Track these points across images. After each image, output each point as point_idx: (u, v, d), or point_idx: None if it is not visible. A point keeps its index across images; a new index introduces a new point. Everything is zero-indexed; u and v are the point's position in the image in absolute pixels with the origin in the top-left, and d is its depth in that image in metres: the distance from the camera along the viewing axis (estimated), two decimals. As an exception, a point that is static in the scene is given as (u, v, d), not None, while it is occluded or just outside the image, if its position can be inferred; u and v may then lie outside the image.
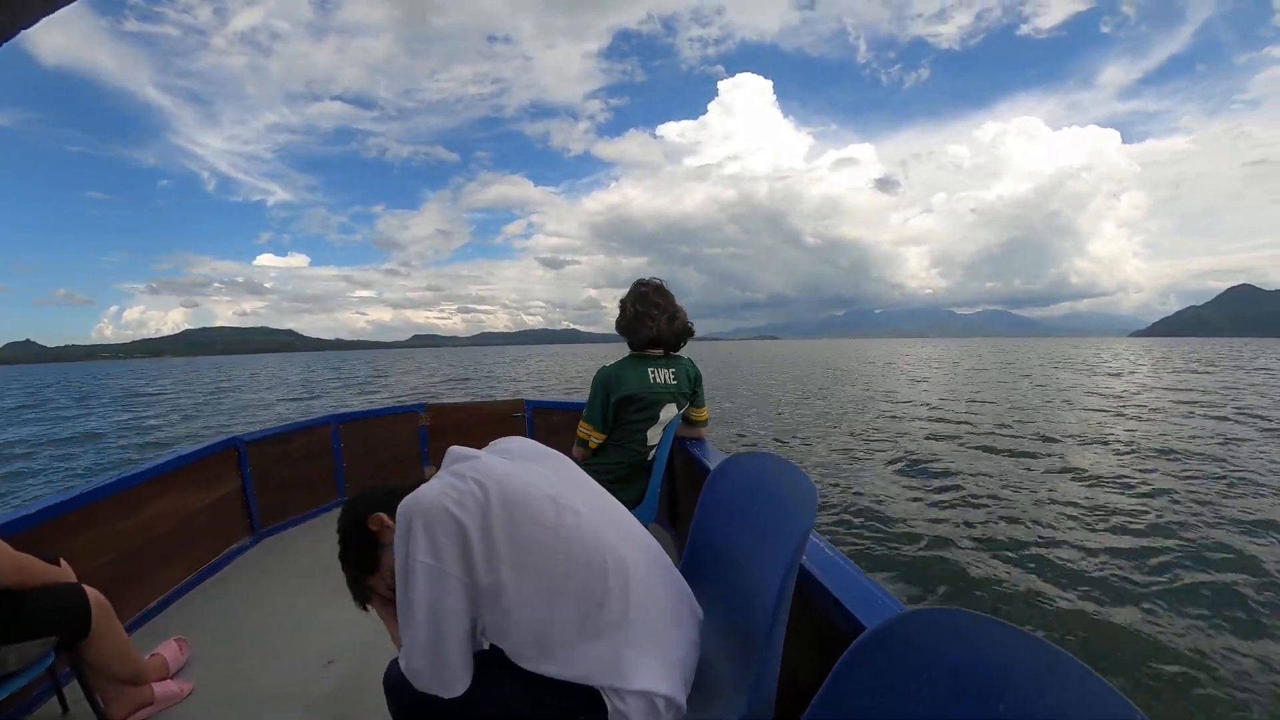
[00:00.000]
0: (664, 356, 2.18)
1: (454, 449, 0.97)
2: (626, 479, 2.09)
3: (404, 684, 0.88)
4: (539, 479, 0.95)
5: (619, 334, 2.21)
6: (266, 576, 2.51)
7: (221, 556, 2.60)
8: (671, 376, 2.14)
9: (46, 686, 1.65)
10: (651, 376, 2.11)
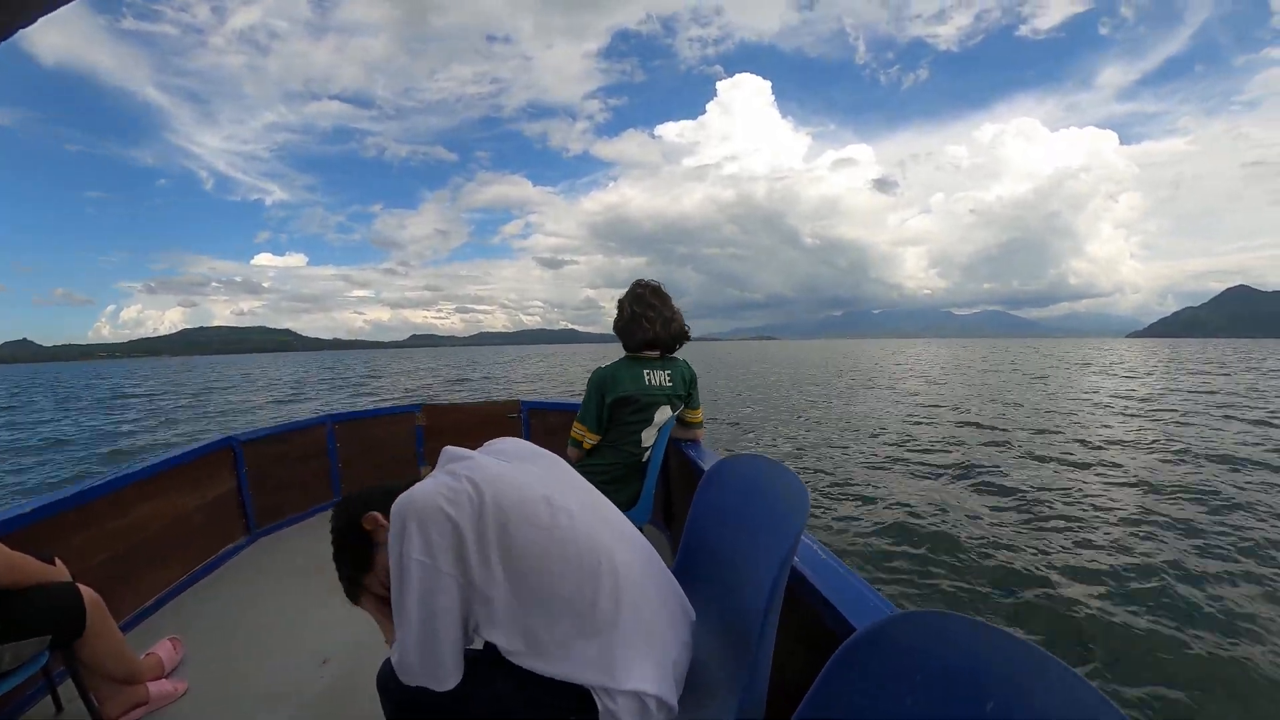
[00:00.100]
0: (659, 358, 2.19)
1: (449, 449, 0.98)
2: (621, 480, 2.09)
3: (397, 683, 0.89)
4: (533, 479, 0.95)
5: (616, 335, 2.22)
6: (261, 576, 2.51)
7: (216, 556, 2.60)
8: (667, 378, 2.14)
9: (41, 686, 1.64)
10: (647, 378, 2.11)
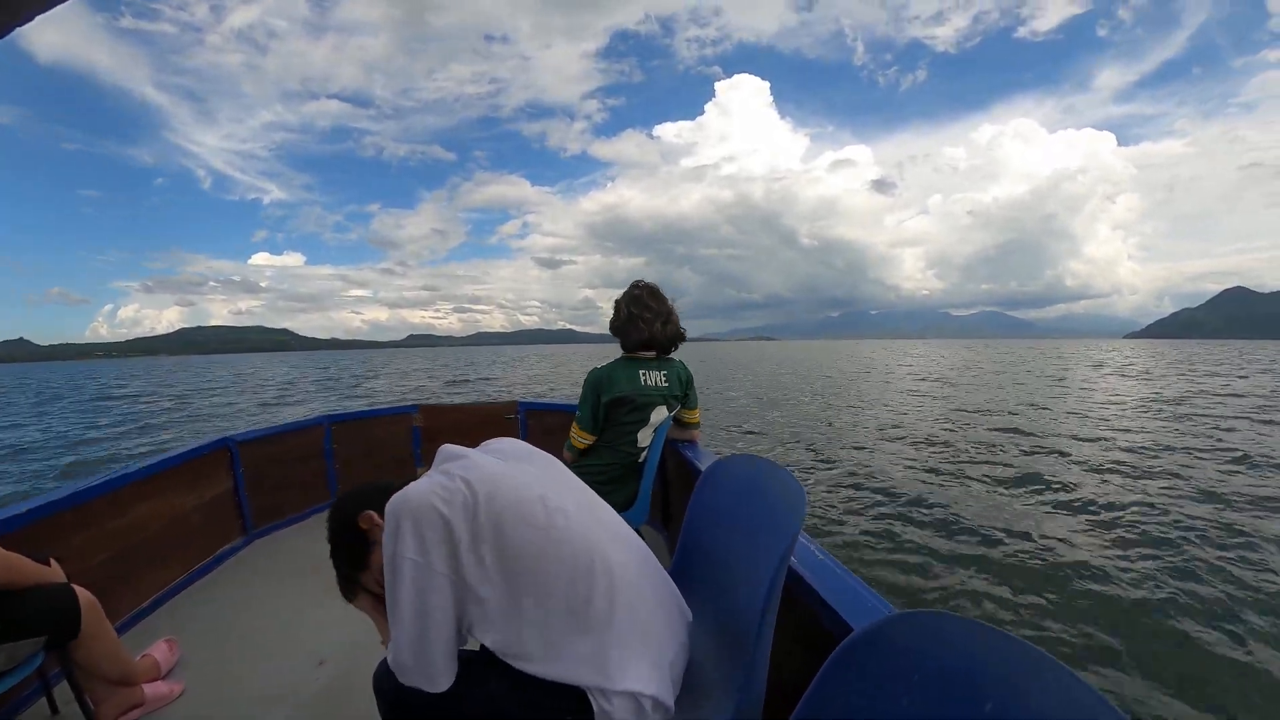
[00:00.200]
0: (656, 359, 2.19)
1: (445, 447, 0.98)
2: (618, 481, 2.09)
3: (392, 683, 0.89)
4: (529, 479, 0.95)
5: (612, 335, 2.22)
6: (258, 577, 2.50)
7: (213, 557, 2.59)
8: (663, 379, 2.14)
9: (36, 687, 1.63)
10: (643, 379, 2.11)
